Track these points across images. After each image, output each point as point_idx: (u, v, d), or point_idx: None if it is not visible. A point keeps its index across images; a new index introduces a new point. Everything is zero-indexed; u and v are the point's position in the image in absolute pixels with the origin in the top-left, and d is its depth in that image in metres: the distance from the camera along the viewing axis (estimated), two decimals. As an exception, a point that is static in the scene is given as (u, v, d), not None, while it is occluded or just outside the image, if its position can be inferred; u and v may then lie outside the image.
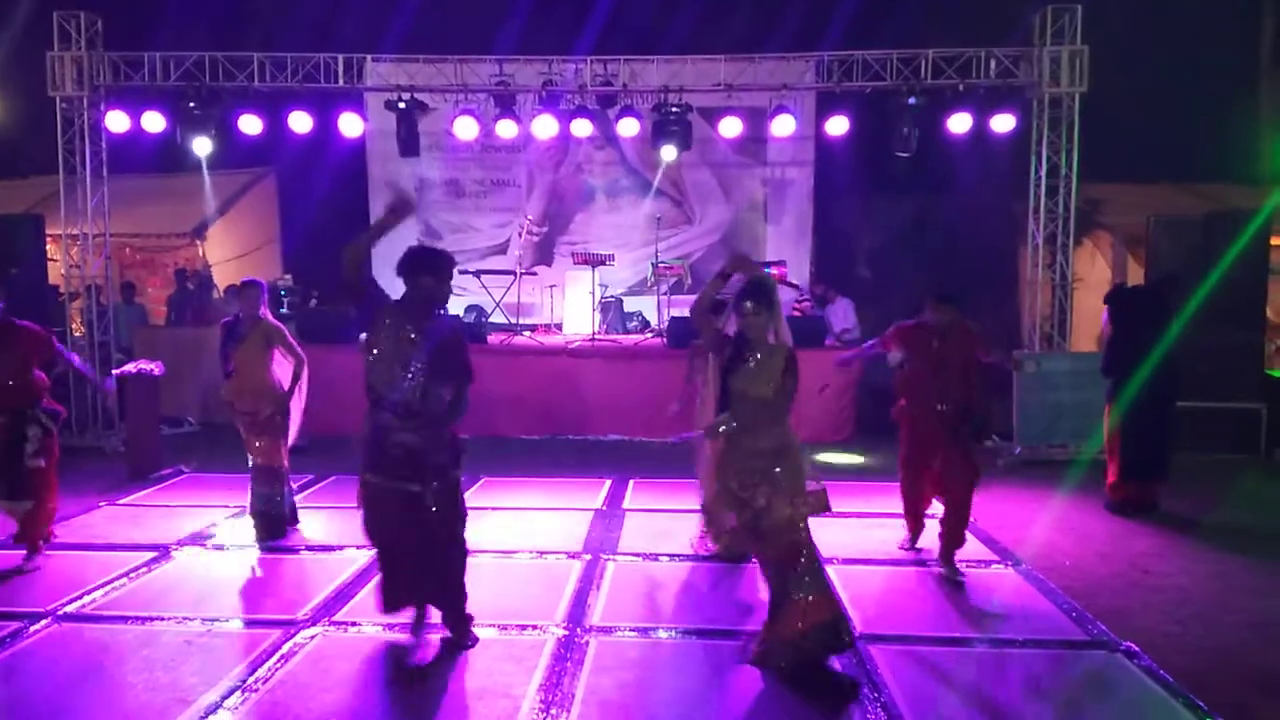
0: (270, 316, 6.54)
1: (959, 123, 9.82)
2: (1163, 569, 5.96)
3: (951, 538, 5.77)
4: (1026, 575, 5.78)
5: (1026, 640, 4.78)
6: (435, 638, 4.74)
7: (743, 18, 11.47)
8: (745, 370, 4.37)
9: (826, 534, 6.49)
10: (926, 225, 11.49)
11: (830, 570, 5.80)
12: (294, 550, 6.26)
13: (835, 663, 4.39)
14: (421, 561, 4.57)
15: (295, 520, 6.69)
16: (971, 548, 6.28)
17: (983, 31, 9.91)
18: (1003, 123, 9.86)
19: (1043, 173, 9.76)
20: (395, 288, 4.52)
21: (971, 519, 6.76)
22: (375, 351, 4.41)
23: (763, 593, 4.64)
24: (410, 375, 4.36)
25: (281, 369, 6.54)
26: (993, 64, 9.77)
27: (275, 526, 6.47)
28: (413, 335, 4.39)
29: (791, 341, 4.45)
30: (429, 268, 4.44)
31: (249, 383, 6.43)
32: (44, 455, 5.75)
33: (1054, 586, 5.56)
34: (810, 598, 4.29)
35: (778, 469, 4.33)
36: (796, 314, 11.40)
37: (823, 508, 4.38)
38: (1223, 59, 12.12)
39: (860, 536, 6.53)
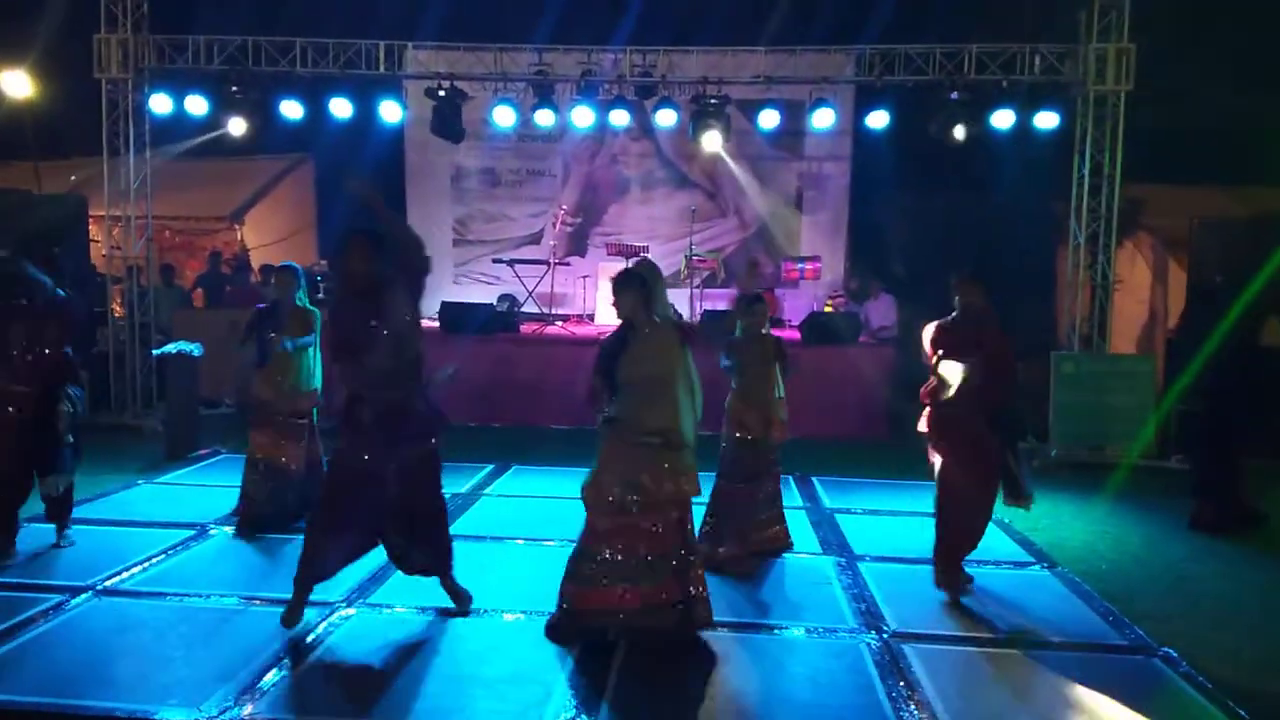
0: (306, 303, 6.30)
1: (1002, 119, 9.67)
2: (1204, 575, 5.87)
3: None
4: (1062, 577, 5.71)
5: (1062, 643, 4.73)
6: (460, 619, 4.80)
7: (783, 10, 11.36)
8: (628, 355, 4.39)
9: (862, 532, 6.53)
10: (964, 223, 11.34)
11: (863, 567, 5.79)
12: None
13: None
14: (402, 533, 4.74)
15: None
16: (1006, 549, 6.24)
17: (1028, 27, 9.76)
18: (1046, 120, 9.70)
19: (1085, 171, 9.62)
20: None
21: (1006, 520, 6.74)
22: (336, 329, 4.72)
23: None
24: (373, 343, 4.50)
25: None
26: (1037, 60, 9.62)
27: (270, 523, 6.20)
28: (367, 308, 4.53)
29: (677, 319, 4.52)
30: (357, 252, 4.57)
31: (281, 372, 6.19)
32: (73, 432, 5.80)
33: (1090, 590, 5.48)
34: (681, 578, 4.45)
35: (664, 449, 4.36)
36: (829, 309, 11.33)
37: (696, 490, 4.52)
38: (1272, 59, 11.84)
39: (893, 535, 6.49)
